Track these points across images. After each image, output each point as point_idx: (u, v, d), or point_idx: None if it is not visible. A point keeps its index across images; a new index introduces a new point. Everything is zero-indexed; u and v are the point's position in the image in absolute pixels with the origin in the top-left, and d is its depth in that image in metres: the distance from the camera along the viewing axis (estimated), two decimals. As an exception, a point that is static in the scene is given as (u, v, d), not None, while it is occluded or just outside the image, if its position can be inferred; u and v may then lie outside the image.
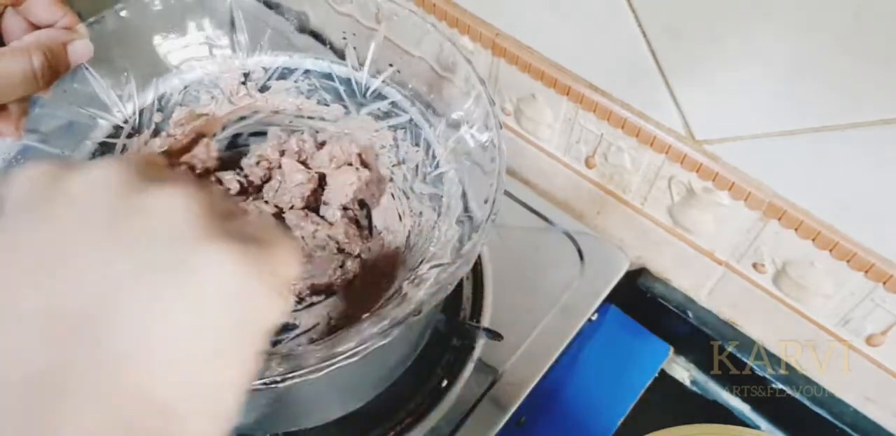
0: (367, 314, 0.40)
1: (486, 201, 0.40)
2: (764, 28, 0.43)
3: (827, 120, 0.44)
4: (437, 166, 0.47)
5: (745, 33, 0.44)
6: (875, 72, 0.40)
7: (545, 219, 0.67)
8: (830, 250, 0.49)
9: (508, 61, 0.59)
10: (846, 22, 0.39)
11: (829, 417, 0.61)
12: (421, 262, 0.43)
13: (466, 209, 0.43)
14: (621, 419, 0.63)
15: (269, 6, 0.52)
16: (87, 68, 0.45)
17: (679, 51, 0.48)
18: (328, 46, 0.51)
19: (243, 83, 0.51)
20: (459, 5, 0.60)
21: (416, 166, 0.49)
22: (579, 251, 0.65)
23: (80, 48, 0.41)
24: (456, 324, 0.59)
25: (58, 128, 0.46)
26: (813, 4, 0.40)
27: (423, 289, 0.39)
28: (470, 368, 0.57)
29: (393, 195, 0.52)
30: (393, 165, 0.51)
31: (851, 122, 0.43)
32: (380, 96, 0.50)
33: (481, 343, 0.58)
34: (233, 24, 0.49)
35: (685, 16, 0.46)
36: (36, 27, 0.40)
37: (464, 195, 0.44)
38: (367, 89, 0.50)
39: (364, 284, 0.51)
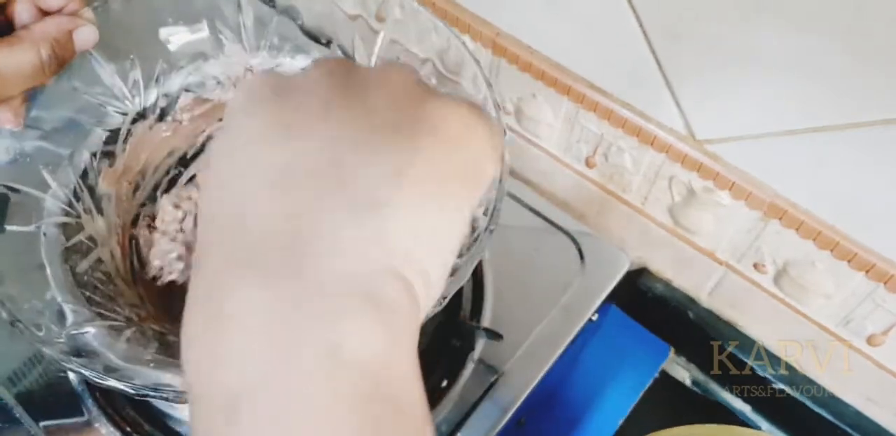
0: None
1: (485, 212, 0.39)
2: (765, 28, 0.43)
3: (828, 120, 0.44)
4: None
5: (745, 33, 0.44)
6: (876, 71, 0.40)
7: (545, 219, 0.67)
8: (831, 250, 0.49)
9: (509, 61, 0.59)
10: (847, 21, 0.39)
11: (829, 417, 0.61)
12: None
13: None
14: (621, 419, 0.63)
15: (275, 5, 0.52)
16: (91, 53, 0.45)
17: (680, 50, 0.48)
18: (336, 49, 0.51)
19: (249, 69, 0.51)
20: (459, 4, 0.60)
21: None
22: (579, 251, 0.65)
23: (86, 34, 0.41)
24: (456, 324, 0.59)
25: (62, 119, 0.45)
26: (814, 4, 0.40)
27: None
28: (470, 368, 0.57)
29: None
30: None
31: (852, 121, 0.43)
32: None
33: (481, 343, 0.58)
34: (239, 6, 0.49)
35: (686, 15, 0.46)
36: (44, 12, 0.40)
37: None
38: None
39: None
